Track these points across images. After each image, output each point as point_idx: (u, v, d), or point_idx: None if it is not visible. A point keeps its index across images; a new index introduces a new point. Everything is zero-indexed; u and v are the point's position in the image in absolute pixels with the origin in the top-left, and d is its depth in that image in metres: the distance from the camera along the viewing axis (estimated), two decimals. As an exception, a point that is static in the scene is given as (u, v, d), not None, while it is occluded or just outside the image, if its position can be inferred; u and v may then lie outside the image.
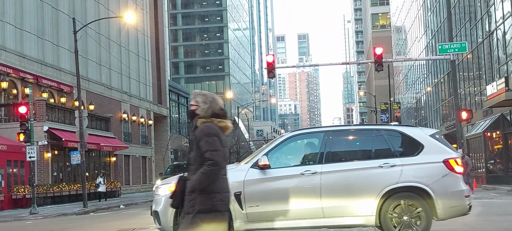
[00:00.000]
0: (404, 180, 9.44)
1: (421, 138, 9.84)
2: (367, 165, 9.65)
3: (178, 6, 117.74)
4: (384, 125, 10.82)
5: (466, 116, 32.17)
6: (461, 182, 9.71)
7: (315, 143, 10.07)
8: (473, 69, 43.84)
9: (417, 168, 9.53)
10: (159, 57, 67.08)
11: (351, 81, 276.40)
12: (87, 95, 44.14)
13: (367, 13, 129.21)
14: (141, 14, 58.79)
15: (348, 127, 10.98)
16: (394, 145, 9.85)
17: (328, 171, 9.59)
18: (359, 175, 9.59)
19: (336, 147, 10.00)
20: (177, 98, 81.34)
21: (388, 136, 9.95)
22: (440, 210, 9.42)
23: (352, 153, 10.14)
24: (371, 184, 9.49)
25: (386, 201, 9.43)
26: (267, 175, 9.65)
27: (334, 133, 10.20)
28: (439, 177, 9.49)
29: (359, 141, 10.28)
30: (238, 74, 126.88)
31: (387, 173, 9.49)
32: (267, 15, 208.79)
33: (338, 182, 9.59)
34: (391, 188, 9.43)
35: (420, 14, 66.82)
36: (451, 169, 9.59)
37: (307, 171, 9.62)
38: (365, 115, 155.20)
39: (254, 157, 9.97)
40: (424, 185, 9.40)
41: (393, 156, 9.67)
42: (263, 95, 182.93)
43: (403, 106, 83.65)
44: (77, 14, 41.51)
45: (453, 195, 9.56)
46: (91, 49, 45.96)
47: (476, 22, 41.72)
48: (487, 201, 22.28)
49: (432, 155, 9.63)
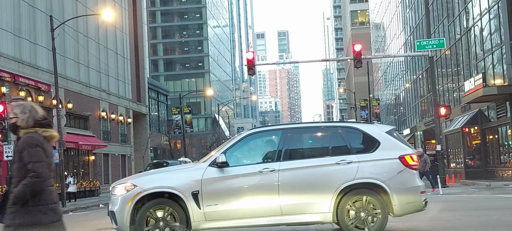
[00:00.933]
0: (360, 176, 9.56)
1: (377, 134, 9.93)
2: (324, 162, 9.74)
3: (157, 3, 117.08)
4: (341, 122, 11.10)
5: (444, 111, 32.45)
6: (417, 178, 9.82)
7: (274, 141, 10.08)
8: (451, 66, 44.21)
9: (373, 164, 9.64)
10: (138, 55, 66.67)
11: (331, 78, 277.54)
12: (65, 94, 43.70)
13: (346, 10, 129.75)
14: (120, 11, 58.35)
15: (306, 124, 10.98)
16: (351, 142, 9.93)
17: (286, 168, 9.62)
18: (316, 172, 9.65)
19: (294, 145, 10.05)
20: (156, 96, 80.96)
21: (345, 133, 10.04)
22: (396, 206, 9.52)
23: (310, 150, 10.19)
24: (328, 181, 9.58)
25: (343, 198, 9.52)
26: (225, 173, 9.64)
27: (292, 131, 10.24)
28: (395, 173, 9.60)
29: (317, 138, 10.36)
30: (218, 72, 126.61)
31: (344, 169, 9.59)
32: (246, 12, 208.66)
33: (296, 179, 9.61)
34: (348, 185, 9.53)
35: (398, 11, 67.23)
36: (407, 165, 9.70)
37: (265, 169, 9.62)
38: (345, 112, 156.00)
39: (212, 156, 9.96)
40: (380, 181, 9.51)
41: (350, 152, 9.76)
42: (243, 93, 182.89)
43: (383, 103, 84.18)
44: (54, 11, 41.07)
45: (409, 191, 9.65)
46: (69, 47, 45.50)
47: (454, 19, 42.06)
48: (467, 196, 22.48)
49: (388, 151, 9.74)
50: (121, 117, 57.29)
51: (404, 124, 67.43)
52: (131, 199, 9.55)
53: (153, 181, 9.88)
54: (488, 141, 36.90)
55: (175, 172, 10.28)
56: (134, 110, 62.02)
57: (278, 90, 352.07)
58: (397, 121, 73.80)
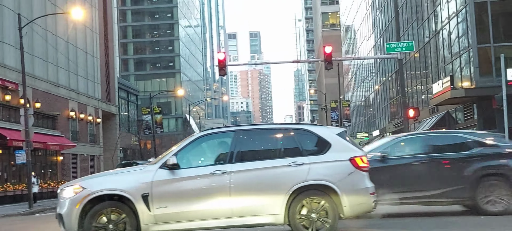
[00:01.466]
0: (312, 178, 9.62)
1: (329, 136, 10.03)
2: (276, 163, 9.75)
3: (128, 2, 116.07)
4: (293, 124, 11.00)
5: (413, 113, 32.83)
6: (367, 180, 9.92)
7: (226, 142, 10.10)
8: (420, 68, 44.79)
9: (324, 166, 9.72)
10: (108, 54, 66.04)
11: (302, 79, 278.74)
12: (33, 93, 43.04)
13: (317, 12, 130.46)
14: (90, 10, 57.70)
15: (258, 126, 10.95)
16: (303, 143, 9.98)
17: (237, 170, 9.65)
18: (268, 173, 9.67)
19: (247, 146, 10.05)
20: (126, 96, 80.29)
21: (297, 135, 10.12)
22: (346, 207, 9.61)
23: (262, 152, 10.15)
24: (280, 183, 9.60)
25: (294, 199, 9.57)
26: (176, 175, 9.61)
27: (244, 132, 10.26)
28: (346, 174, 9.71)
29: (269, 140, 10.32)
30: (189, 72, 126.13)
31: (296, 171, 9.64)
32: (218, 13, 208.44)
33: (247, 181, 9.64)
34: (299, 186, 9.58)
35: (368, 14, 67.84)
36: (357, 166, 9.81)
37: (217, 171, 9.64)
38: (316, 113, 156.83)
39: (163, 157, 9.91)
40: (331, 182, 9.60)
41: (302, 154, 9.81)
42: (215, 93, 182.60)
43: (353, 104, 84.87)
44: (22, 9, 40.41)
45: (359, 192, 9.76)
46: (38, 45, 44.83)
47: (423, 22, 42.62)
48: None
49: (339, 153, 9.84)
50: (90, 116, 56.69)
51: (373, 125, 68.07)
52: (79, 202, 9.44)
53: (102, 183, 9.80)
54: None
55: (125, 174, 10.14)
56: (103, 110, 61.42)
57: (249, 91, 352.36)
58: (366, 122, 74.48)
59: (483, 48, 31.59)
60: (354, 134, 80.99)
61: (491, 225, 11.21)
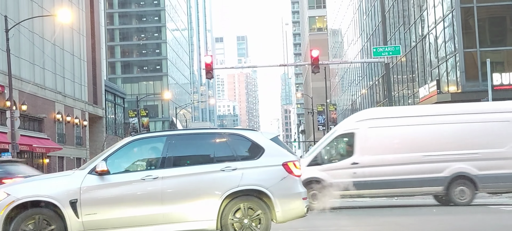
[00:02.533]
0: (245, 183, 9.58)
1: (262, 141, 10.00)
2: (209, 169, 9.70)
3: (115, 5, 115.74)
4: (226, 129, 11.05)
5: (400, 117, 33.02)
6: (299, 185, 9.94)
7: (157, 148, 9.96)
8: (407, 72, 45.07)
9: (257, 171, 9.69)
10: (95, 56, 65.81)
11: (289, 83, 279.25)
12: (20, 95, 42.78)
13: (304, 16, 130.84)
14: (77, 13, 57.49)
15: (191, 131, 10.80)
16: (236, 148, 9.95)
17: (169, 175, 9.55)
18: (200, 179, 9.62)
19: (179, 152, 9.93)
20: (113, 99, 79.99)
21: (230, 139, 10.07)
22: (279, 212, 9.60)
23: (194, 157, 10.09)
24: (212, 188, 9.56)
25: (227, 205, 9.53)
26: (106, 181, 9.44)
27: (176, 137, 10.15)
28: (278, 179, 9.70)
29: (202, 145, 10.26)
30: (176, 75, 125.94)
31: (229, 176, 9.61)
32: (205, 16, 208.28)
33: (179, 186, 9.55)
34: (232, 192, 9.54)
35: (355, 18, 68.16)
36: (290, 171, 9.80)
37: (148, 176, 9.52)
38: (302, 116, 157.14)
39: (92, 162, 9.72)
40: (264, 187, 9.56)
41: (235, 159, 9.78)
42: (201, 96, 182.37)
43: (339, 108, 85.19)
44: (9, 11, 40.19)
45: (291, 197, 9.76)
46: (24, 48, 44.59)
47: (409, 26, 42.91)
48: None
49: (272, 158, 9.82)
50: (77, 119, 56.43)
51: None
52: (3, 209, 9.13)
53: (28, 189, 9.50)
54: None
55: (53, 179, 9.95)
56: (90, 112, 61.17)
57: (236, 94, 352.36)
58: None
59: (470, 53, 31.89)
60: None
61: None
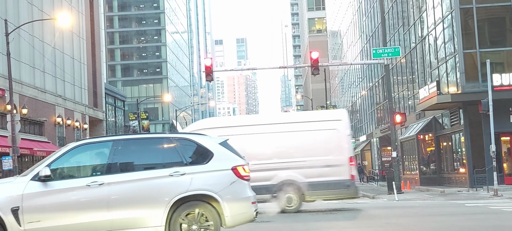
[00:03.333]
0: (194, 188, 9.47)
1: (211, 145, 9.92)
2: (157, 174, 9.54)
3: (115, 8, 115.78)
4: (174, 133, 10.73)
5: (400, 119, 33.07)
6: (248, 189, 9.88)
7: (103, 153, 9.75)
8: (407, 73, 45.08)
9: (207, 176, 9.60)
10: (95, 60, 65.83)
11: (288, 84, 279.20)
12: (20, 99, 42.80)
13: (303, 18, 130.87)
14: (77, 16, 57.53)
15: (138, 136, 10.68)
16: (185, 153, 9.83)
17: (116, 181, 9.38)
18: (148, 184, 9.45)
19: (126, 157, 9.75)
20: (113, 102, 80.00)
21: (179, 144, 9.92)
22: (228, 217, 9.52)
23: (142, 162, 9.86)
24: (161, 194, 9.40)
25: (176, 210, 9.41)
26: (50, 187, 9.19)
27: (123, 142, 9.94)
28: (228, 184, 9.63)
29: (150, 150, 10.05)
30: (176, 77, 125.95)
31: (177, 181, 9.47)
32: (205, 19, 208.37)
33: (127, 192, 9.37)
34: (181, 197, 9.40)
35: (355, 19, 68.20)
36: (239, 176, 9.74)
37: (93, 183, 9.32)
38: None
39: (35, 168, 9.45)
40: (213, 192, 9.48)
41: (184, 164, 9.66)
42: (201, 99, 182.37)
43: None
44: (9, 15, 40.21)
45: (241, 202, 9.71)
46: (24, 51, 44.61)
47: (409, 28, 42.94)
48: (421, 202, 22.97)
49: (222, 162, 9.76)
50: (77, 122, 56.44)
51: (360, 130, 68.37)
52: None
53: None
54: (442, 148, 37.74)
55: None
56: (90, 116, 61.18)
57: (236, 96, 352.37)
58: (353, 128, 74.76)
59: (469, 54, 31.91)
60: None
61: None
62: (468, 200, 22.36)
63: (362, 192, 33.53)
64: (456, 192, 28.99)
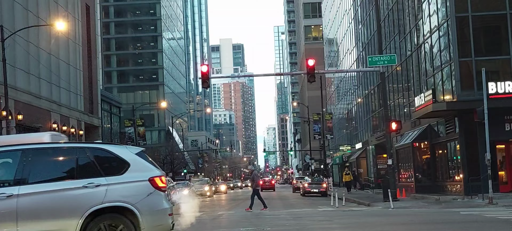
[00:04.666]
0: (109, 200, 9.15)
1: (127, 156, 9.64)
2: (70, 185, 9.19)
3: (111, 14, 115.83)
4: (88, 143, 10.43)
5: (395, 126, 33.06)
6: (165, 201, 9.65)
7: (12, 163, 9.28)
8: (402, 81, 45.13)
9: (123, 187, 9.33)
10: (91, 66, 65.76)
11: (285, 91, 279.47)
12: (16, 105, 42.66)
13: (300, 25, 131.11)
14: (73, 22, 57.49)
15: (50, 145, 9.94)
16: (100, 163, 9.47)
17: (26, 193, 8.92)
18: (61, 196, 9.06)
19: (37, 167, 9.30)
20: (109, 108, 79.89)
21: (93, 154, 9.56)
22: (144, 229, 9.27)
23: (54, 172, 9.46)
24: (74, 206, 9.05)
25: (90, 223, 9.12)
26: None
27: (33, 152, 9.42)
28: (145, 195, 9.39)
29: (63, 160, 9.68)
30: (173, 84, 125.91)
31: (92, 193, 9.13)
32: (202, 25, 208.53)
33: (38, 205, 8.94)
34: (96, 209, 9.08)
35: (351, 27, 68.33)
36: (156, 187, 9.52)
37: (1, 194, 8.88)
38: (298, 125, 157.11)
39: None
40: (129, 204, 9.23)
41: (99, 175, 9.32)
42: (197, 105, 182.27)
43: (335, 117, 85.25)
44: (4, 21, 40.12)
45: (158, 214, 9.49)
46: (20, 57, 44.52)
47: (405, 36, 43.02)
48: (416, 210, 22.94)
49: (138, 173, 9.49)
50: (73, 128, 56.29)
51: (356, 138, 68.39)
52: None
53: None
54: (438, 156, 37.73)
55: None
56: (86, 122, 61.05)
57: (232, 103, 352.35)
58: (349, 135, 74.82)
59: (465, 62, 31.95)
60: (337, 146, 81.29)
61: None
62: (463, 208, 22.35)
63: (358, 199, 33.55)
64: (451, 200, 28.98)
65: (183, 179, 70.36)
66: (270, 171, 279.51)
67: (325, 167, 64.66)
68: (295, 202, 36.16)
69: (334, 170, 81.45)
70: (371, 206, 28.03)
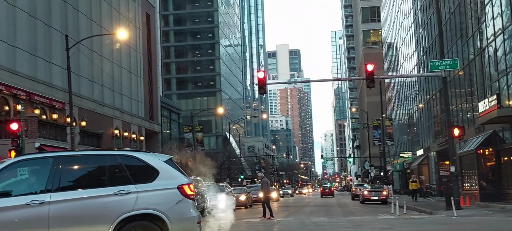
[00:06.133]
0: (139, 207, 9.19)
1: (156, 163, 9.64)
2: (101, 192, 9.21)
3: (171, 23, 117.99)
4: (119, 150, 10.34)
5: (458, 132, 32.23)
6: (193, 209, 9.62)
7: (44, 170, 9.32)
8: (465, 86, 44.03)
9: (152, 194, 9.33)
10: (152, 73, 67.03)
11: (343, 97, 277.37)
12: (79, 112, 43.96)
13: (358, 29, 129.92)
14: (134, 31, 58.80)
15: (80, 152, 10.19)
16: (130, 171, 9.50)
17: (57, 200, 9.00)
18: (92, 203, 9.11)
19: (68, 175, 9.39)
20: (168, 114, 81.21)
21: (124, 162, 9.60)
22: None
23: (85, 180, 9.54)
24: (105, 213, 9.08)
25: (120, 230, 9.12)
26: None
27: (65, 159, 9.54)
28: (174, 203, 9.37)
29: (93, 168, 9.72)
30: (230, 90, 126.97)
31: (122, 200, 9.16)
32: (258, 32, 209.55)
33: (69, 212, 9.01)
34: (126, 216, 9.12)
35: (411, 31, 67.20)
36: (185, 194, 9.50)
37: (33, 201, 8.93)
38: (357, 131, 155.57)
39: None
40: (159, 212, 9.23)
41: (129, 182, 9.35)
42: (254, 111, 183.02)
43: (395, 123, 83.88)
44: (69, 31, 41.43)
45: (186, 221, 9.48)
46: (84, 65, 45.85)
47: (467, 39, 41.97)
48: (480, 219, 22.28)
49: (167, 180, 9.49)
50: (134, 134, 57.50)
51: (417, 144, 67.12)
52: None
53: None
54: (503, 163, 36.57)
55: None
56: (146, 128, 62.24)
57: (289, 109, 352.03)
58: (410, 141, 73.49)
59: (531, 66, 30.91)
60: (397, 153, 79.95)
61: None
62: (532, 217, 21.55)
63: (419, 207, 32.85)
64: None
65: (240, 184, 70.63)
66: (328, 177, 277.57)
67: (385, 174, 63.67)
68: (355, 209, 35.74)
69: (394, 177, 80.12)
70: (433, 214, 27.40)
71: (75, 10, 45.77)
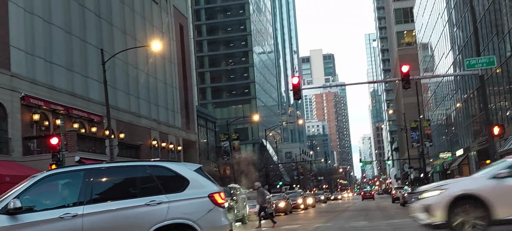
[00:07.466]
0: (171, 217, 9.18)
1: (186, 173, 9.60)
2: (133, 203, 9.22)
3: (204, 33, 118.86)
4: (149, 161, 10.38)
5: (498, 131, 31.61)
6: (224, 217, 9.57)
7: (75, 183, 9.37)
8: (504, 84, 43.22)
9: (184, 204, 9.29)
10: (187, 83, 67.58)
11: (379, 99, 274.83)
12: (117, 124, 44.57)
13: (392, 31, 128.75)
14: (168, 42, 59.42)
15: (111, 164, 10.34)
16: (161, 181, 9.49)
17: (90, 212, 9.03)
18: (124, 214, 9.13)
19: (99, 187, 9.43)
20: (205, 124, 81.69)
21: (153, 172, 9.61)
22: None
23: (116, 191, 9.56)
24: (137, 224, 9.12)
25: None
26: (19, 221, 8.76)
27: (95, 172, 9.58)
28: (205, 212, 9.33)
29: (124, 179, 9.73)
30: (264, 97, 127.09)
31: (154, 211, 9.18)
32: (291, 38, 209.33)
33: (102, 224, 9.05)
34: (159, 226, 9.13)
35: (445, 30, 66.30)
36: (216, 203, 9.44)
37: (66, 214, 8.95)
38: (395, 133, 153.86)
39: (2, 200, 8.97)
40: (191, 221, 9.18)
41: (160, 192, 9.35)
42: (290, 117, 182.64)
43: (433, 124, 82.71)
44: (104, 45, 42.13)
45: (218, 230, 9.43)
46: (119, 78, 46.52)
47: (503, 36, 41.23)
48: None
49: (198, 189, 9.45)
50: (171, 145, 58.00)
51: (456, 144, 66.09)
52: None
53: None
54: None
55: None
56: (183, 138, 62.72)
57: (325, 114, 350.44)
58: (449, 142, 72.41)
59: None
60: (437, 154, 78.83)
61: None
62: None
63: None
64: None
65: (279, 191, 70.56)
66: (367, 181, 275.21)
67: (425, 175, 62.81)
68: (395, 212, 35.33)
69: (434, 178, 79.00)
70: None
71: (109, 24, 46.52)
